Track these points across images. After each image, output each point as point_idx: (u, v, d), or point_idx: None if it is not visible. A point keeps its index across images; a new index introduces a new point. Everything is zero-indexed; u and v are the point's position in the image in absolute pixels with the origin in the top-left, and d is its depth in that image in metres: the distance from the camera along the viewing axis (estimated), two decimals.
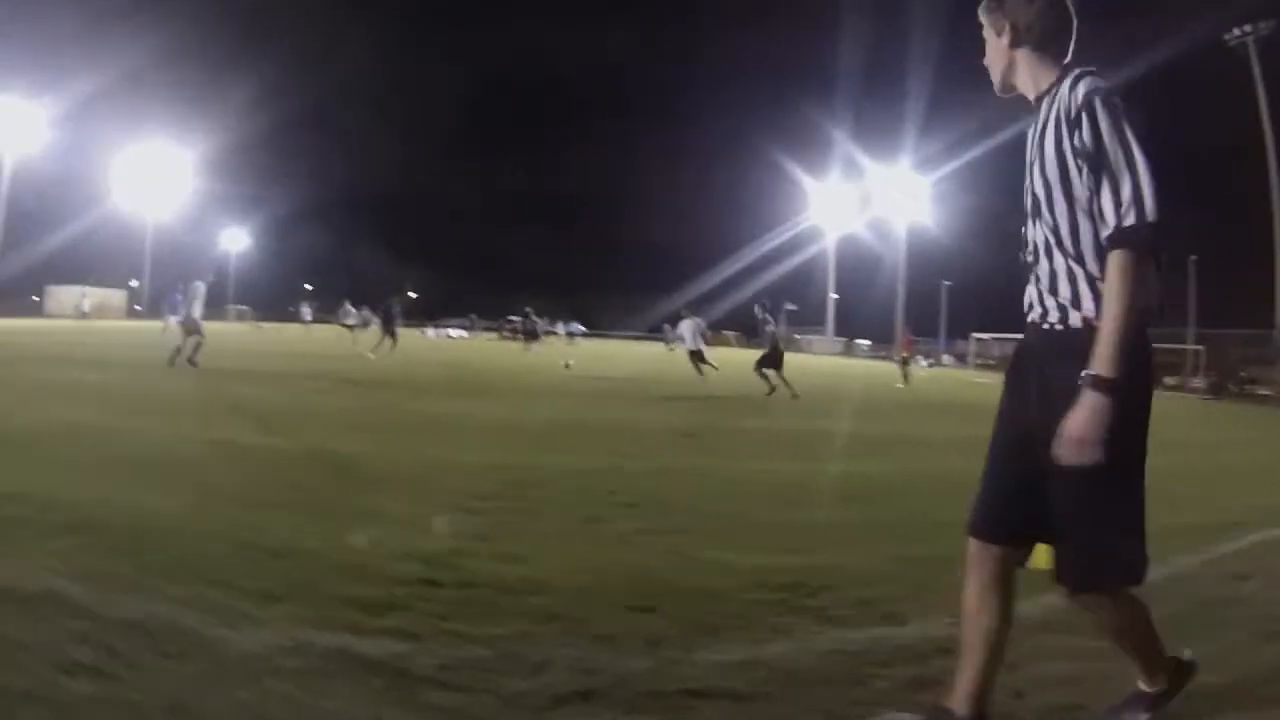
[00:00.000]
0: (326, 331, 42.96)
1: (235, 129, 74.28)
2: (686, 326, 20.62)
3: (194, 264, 26.56)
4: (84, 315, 39.00)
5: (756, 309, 19.16)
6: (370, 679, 2.81)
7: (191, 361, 16.39)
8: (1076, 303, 2.22)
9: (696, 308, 21.86)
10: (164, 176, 71.82)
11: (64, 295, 57.12)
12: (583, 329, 60.16)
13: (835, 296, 73.19)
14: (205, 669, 2.84)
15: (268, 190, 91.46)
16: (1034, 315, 2.36)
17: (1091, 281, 2.19)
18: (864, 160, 68.00)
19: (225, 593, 3.61)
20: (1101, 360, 2.06)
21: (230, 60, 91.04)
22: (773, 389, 17.31)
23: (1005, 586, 2.41)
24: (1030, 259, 2.37)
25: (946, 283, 70.86)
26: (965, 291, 64.92)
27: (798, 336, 64.38)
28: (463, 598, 3.67)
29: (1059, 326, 2.27)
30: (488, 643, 3.15)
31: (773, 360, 17.79)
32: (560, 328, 57.71)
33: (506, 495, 5.96)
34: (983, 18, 2.48)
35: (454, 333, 57.60)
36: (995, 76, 2.50)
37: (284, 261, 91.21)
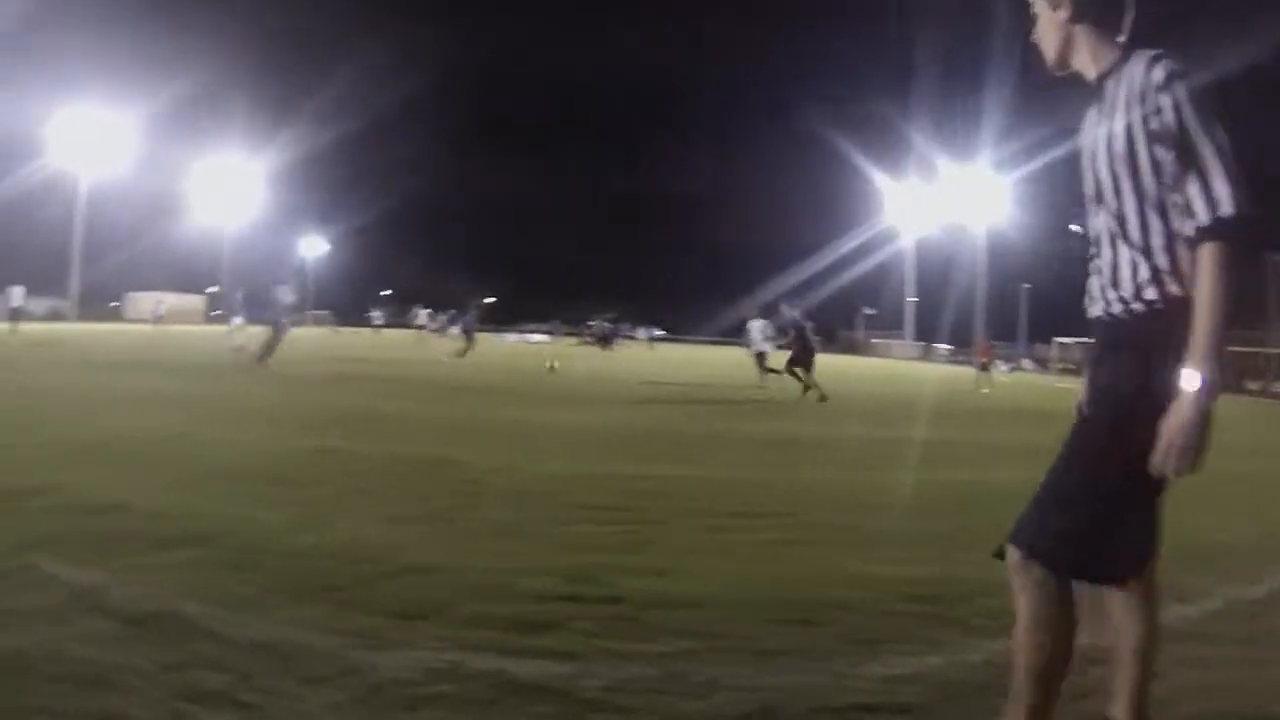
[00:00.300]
0: (400, 335, 43.34)
1: (311, 138, 76.02)
2: (755, 328, 20.28)
3: (275, 271, 26.94)
4: (159, 319, 39.85)
5: (784, 307, 18.65)
6: (535, 704, 2.62)
7: (262, 360, 16.76)
8: (1138, 295, 2.10)
9: (770, 310, 21.25)
10: (240, 186, 74.23)
11: (142, 301, 58.54)
12: (661, 333, 59.68)
13: (914, 299, 71.89)
14: (354, 696, 2.60)
15: (344, 197, 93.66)
16: (1095, 310, 2.25)
17: (1156, 274, 2.08)
18: (942, 160, 66.67)
19: (359, 612, 3.34)
20: (1199, 359, 1.92)
21: (305, 71, 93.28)
22: (806, 389, 16.86)
23: (1146, 595, 2.28)
24: (1092, 251, 2.27)
25: (1026, 285, 69.13)
26: (1046, 294, 63.15)
27: (875, 340, 63.45)
28: (611, 614, 3.46)
29: (1118, 317, 2.15)
30: (649, 661, 2.96)
31: (802, 360, 17.34)
32: (641, 332, 57.41)
33: (628, 506, 5.67)
34: None
35: (535, 338, 57.56)
36: (1049, 53, 2.36)
37: (361, 267, 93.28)
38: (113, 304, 59.93)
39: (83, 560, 3.78)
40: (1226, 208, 1.95)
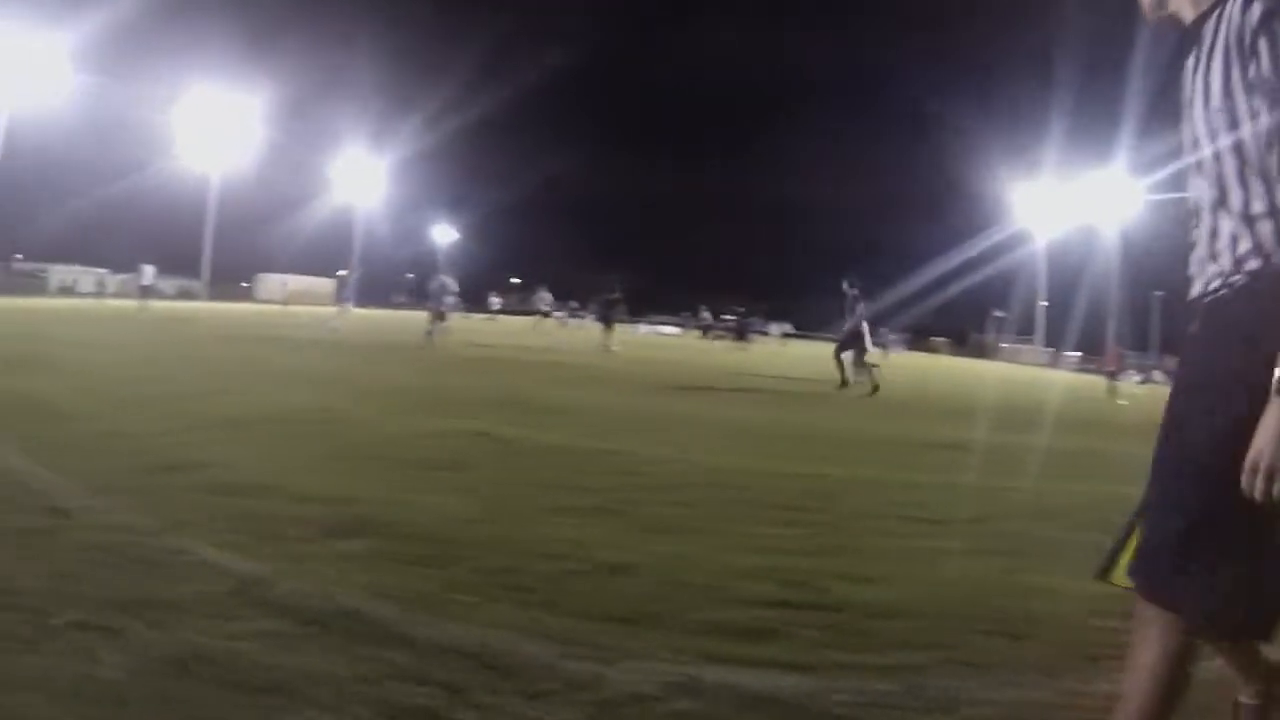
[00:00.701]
0: (520, 322, 43.82)
1: (441, 126, 78.20)
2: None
3: (440, 261, 28.11)
4: (285, 300, 40.99)
5: (845, 284, 16.69)
6: None
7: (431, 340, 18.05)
8: (1239, 267, 1.77)
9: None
10: (371, 173, 76.55)
11: (271, 282, 61.72)
12: (791, 329, 58.52)
13: (1045, 304, 68.86)
14: (589, 715, 2.25)
15: (475, 185, 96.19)
16: (1193, 291, 1.91)
17: (1259, 245, 1.74)
18: (1076, 162, 63.63)
19: (568, 617, 2.94)
20: None
21: (434, 60, 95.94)
22: (844, 382, 15.98)
23: None
24: (1192, 223, 1.94)
25: (1160, 294, 65.57)
26: (1183, 303, 59.79)
27: (1005, 345, 61.19)
28: (833, 623, 3.15)
29: (1219, 295, 1.81)
30: (884, 675, 2.70)
31: (852, 345, 16.32)
32: (773, 328, 56.50)
33: (805, 506, 5.24)
34: None
35: (666, 330, 57.33)
36: None
37: (492, 256, 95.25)
38: (244, 284, 62.40)
39: (240, 547, 3.46)
40: None
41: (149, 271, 31.02)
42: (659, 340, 42.41)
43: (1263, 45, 1.71)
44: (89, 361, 11.17)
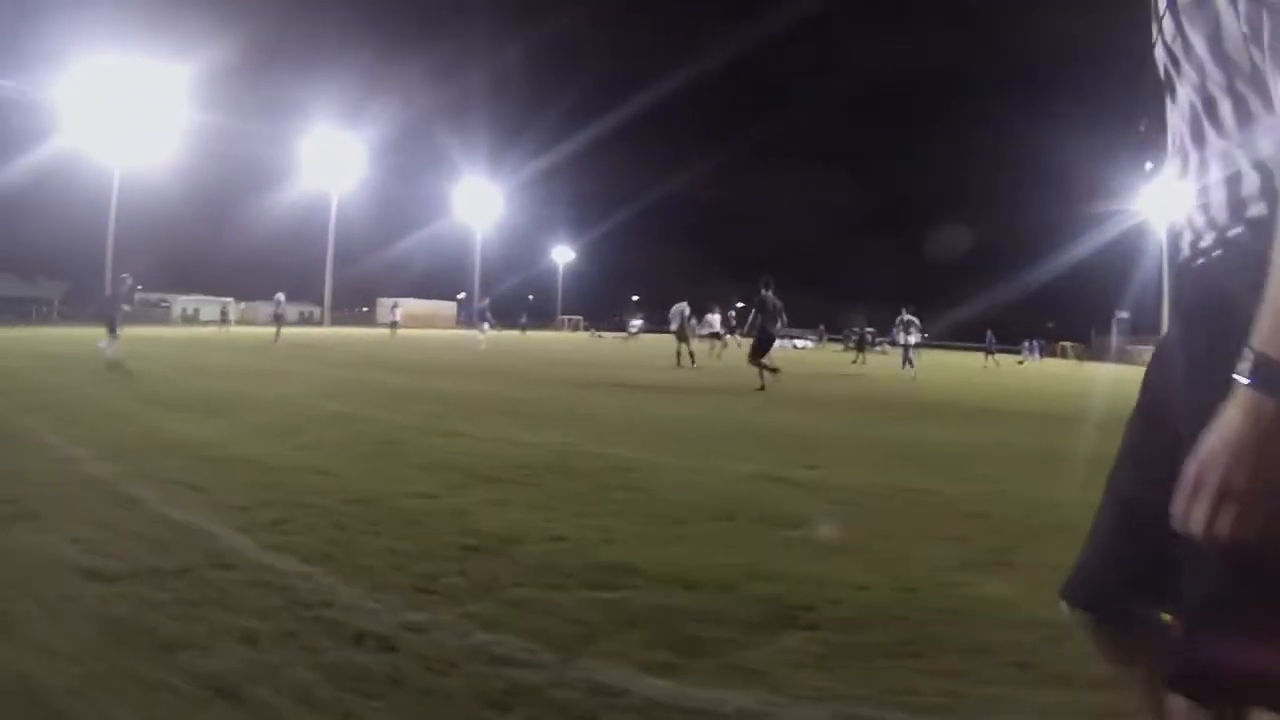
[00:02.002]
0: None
1: (556, 149, 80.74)
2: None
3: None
4: (394, 324, 41.44)
5: (761, 286, 15.56)
6: None
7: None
8: (1238, 213, 1.29)
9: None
10: (488, 198, 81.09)
11: (387, 306, 61.81)
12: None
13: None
14: None
15: (591, 206, 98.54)
16: (1182, 254, 1.43)
17: (1269, 185, 1.24)
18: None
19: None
20: (1267, 334, 1.11)
21: (548, 87, 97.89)
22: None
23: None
24: (1172, 159, 1.45)
25: None
26: None
27: (1129, 347, 57.93)
28: None
29: (1210, 255, 1.35)
30: None
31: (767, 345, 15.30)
32: (901, 337, 54.27)
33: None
34: None
35: (800, 343, 56.24)
36: None
37: (608, 273, 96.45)
38: (363, 309, 63.80)
39: (677, 671, 2.67)
40: None
41: (281, 298, 31.49)
42: (794, 355, 40.94)
43: None
44: (280, 399, 10.64)
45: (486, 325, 28.86)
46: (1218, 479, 1.14)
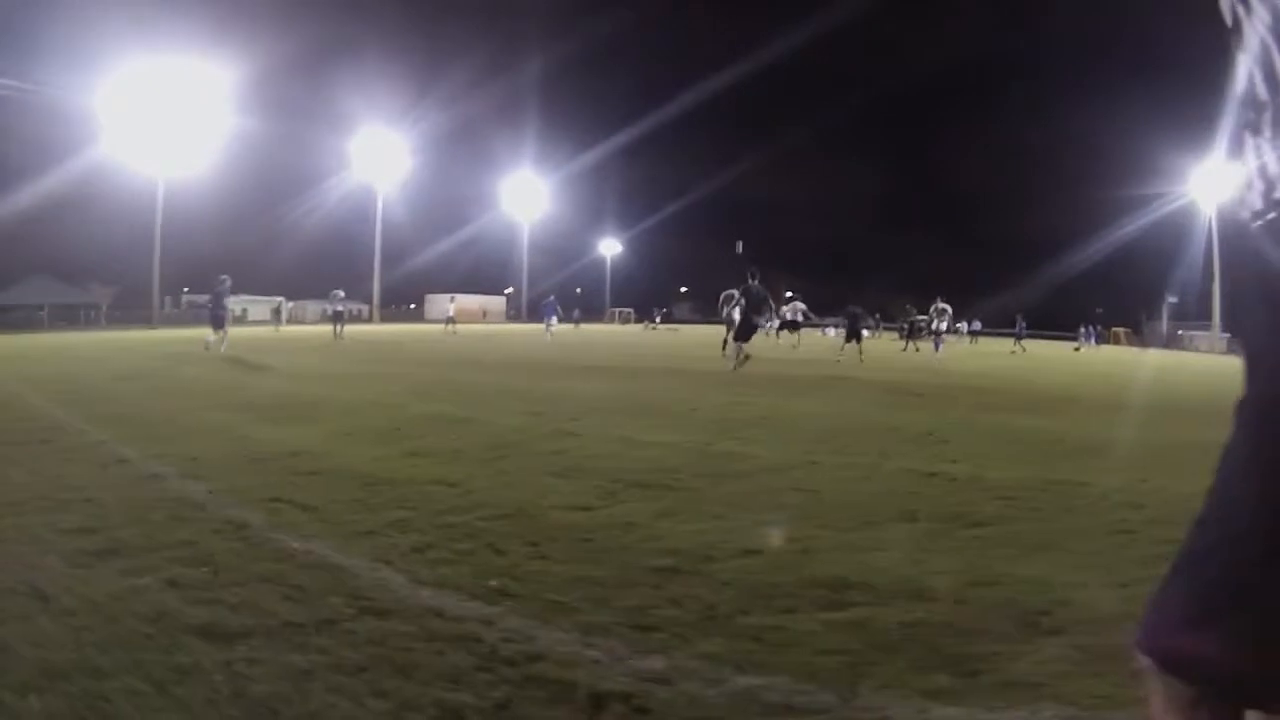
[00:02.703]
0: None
1: (604, 142, 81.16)
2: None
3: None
4: (451, 320, 41.14)
5: (749, 274, 16.73)
6: None
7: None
8: None
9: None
10: (535, 193, 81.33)
11: (440, 302, 63.41)
12: (979, 326, 54.23)
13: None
14: None
15: (637, 198, 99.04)
16: (1251, 212, 1.28)
17: None
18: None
19: None
20: None
21: (596, 81, 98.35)
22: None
23: None
24: (1243, 110, 1.34)
25: None
26: None
27: (1180, 332, 55.75)
28: None
29: None
30: None
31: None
32: (963, 325, 52.52)
33: None
34: None
35: (831, 332, 55.13)
36: None
37: (656, 266, 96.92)
38: (412, 305, 64.02)
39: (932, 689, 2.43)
40: None
41: (340, 296, 31.27)
42: (873, 345, 39.69)
43: None
44: (367, 401, 9.72)
45: (554, 319, 28.48)
46: None
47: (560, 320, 26.20)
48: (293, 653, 2.49)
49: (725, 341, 21.39)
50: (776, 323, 29.09)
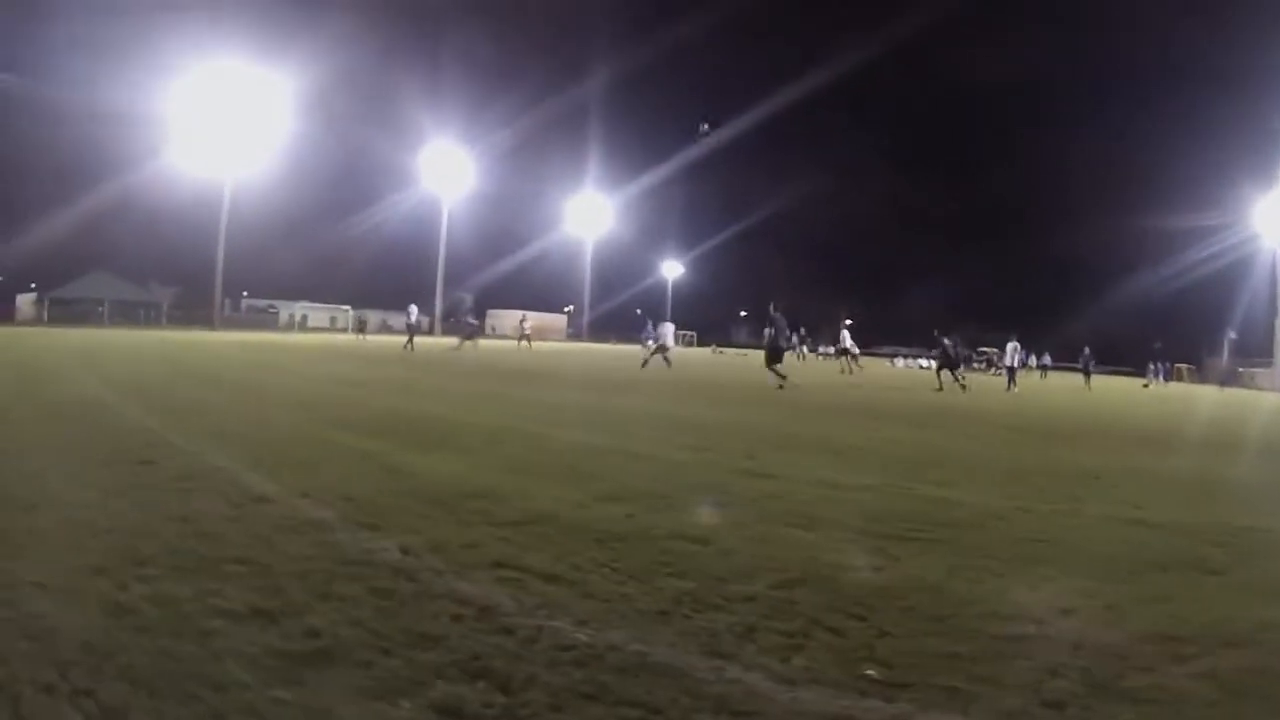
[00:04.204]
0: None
1: (669, 161, 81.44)
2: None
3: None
4: (526, 337, 40.95)
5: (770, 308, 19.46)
6: None
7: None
8: None
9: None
10: (597, 212, 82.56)
11: (504, 318, 64.89)
12: (1049, 360, 50.98)
13: None
14: None
15: (699, 221, 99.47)
16: None
17: None
18: None
19: None
20: None
21: (661, 101, 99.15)
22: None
23: None
24: None
25: None
26: None
27: (1241, 370, 52.73)
28: None
29: None
30: None
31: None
32: (1032, 359, 49.35)
33: None
34: None
35: (925, 364, 52.55)
36: None
37: (718, 288, 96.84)
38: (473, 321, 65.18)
39: None
40: None
41: (414, 310, 31.77)
42: (921, 375, 37.92)
43: None
44: (503, 427, 8.72)
45: (652, 341, 28.15)
46: None
47: (655, 342, 25.77)
48: None
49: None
50: (804, 347, 29.43)
